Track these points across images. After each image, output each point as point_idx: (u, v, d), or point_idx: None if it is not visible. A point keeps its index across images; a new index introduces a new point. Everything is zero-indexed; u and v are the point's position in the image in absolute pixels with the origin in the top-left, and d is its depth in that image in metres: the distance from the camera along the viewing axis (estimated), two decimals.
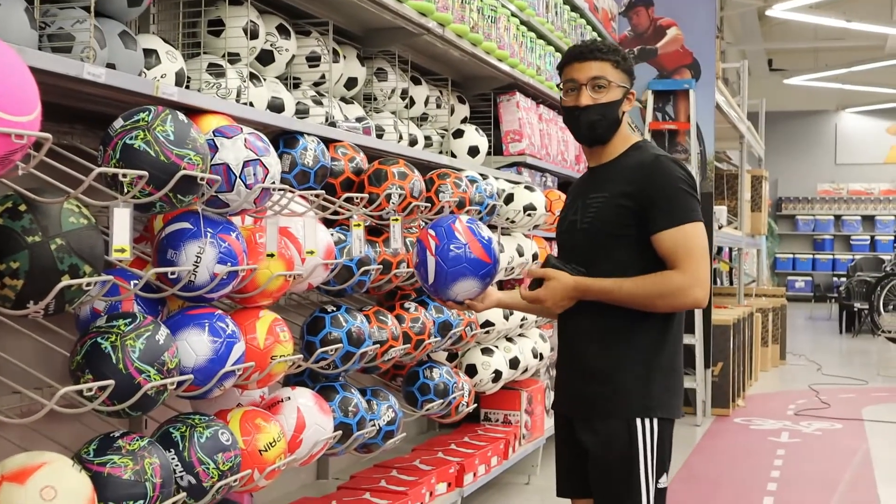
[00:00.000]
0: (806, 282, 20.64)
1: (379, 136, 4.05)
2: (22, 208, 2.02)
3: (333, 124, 3.58)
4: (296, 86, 3.65)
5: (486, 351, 4.67)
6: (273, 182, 2.63)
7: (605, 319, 2.59)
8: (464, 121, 5.13)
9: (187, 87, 2.94)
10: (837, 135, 21.52)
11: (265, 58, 3.40)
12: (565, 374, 2.74)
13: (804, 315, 17.56)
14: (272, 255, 2.73)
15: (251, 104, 3.13)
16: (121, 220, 2.14)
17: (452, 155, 4.79)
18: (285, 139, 3.10)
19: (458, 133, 4.88)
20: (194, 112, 2.61)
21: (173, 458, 2.39)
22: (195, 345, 2.45)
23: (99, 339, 2.19)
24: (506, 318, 4.69)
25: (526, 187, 4.79)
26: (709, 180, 8.34)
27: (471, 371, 4.59)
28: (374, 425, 3.45)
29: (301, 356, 3.01)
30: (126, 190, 2.19)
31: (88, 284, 2.08)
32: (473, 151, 4.85)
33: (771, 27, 17.17)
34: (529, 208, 4.69)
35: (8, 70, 1.77)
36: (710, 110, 8.13)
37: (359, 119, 3.86)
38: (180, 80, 2.83)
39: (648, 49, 8.15)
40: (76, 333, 2.39)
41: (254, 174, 2.56)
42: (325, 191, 3.16)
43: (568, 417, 2.70)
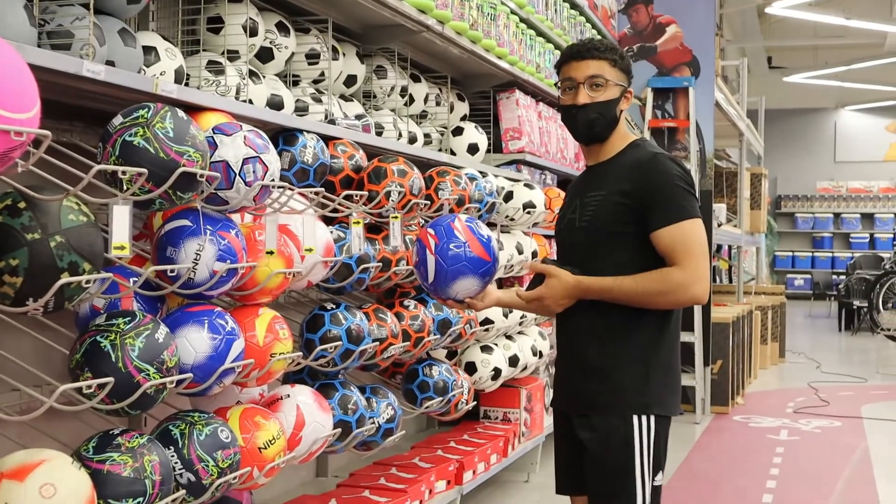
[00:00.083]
0: (805, 280, 20.65)
1: (378, 134, 4.05)
2: (21, 205, 2.02)
3: (333, 122, 3.58)
4: (295, 83, 3.65)
5: (486, 349, 4.68)
6: (272, 179, 2.63)
7: (604, 317, 2.60)
8: (463, 118, 5.12)
9: (186, 85, 2.94)
10: (837, 132, 21.52)
11: (264, 55, 3.40)
12: (564, 372, 2.75)
13: (803, 313, 17.56)
14: (271, 253, 2.73)
15: (250, 101, 3.13)
16: (120, 218, 2.14)
17: (452, 152, 4.79)
18: (285, 136, 3.10)
19: (458, 130, 4.88)
20: (194, 109, 2.61)
21: (173, 456, 2.39)
22: (195, 342, 2.45)
23: (98, 338, 2.19)
24: (505, 316, 4.70)
25: (525, 185, 4.80)
26: (708, 178, 8.34)
27: (470, 369, 4.59)
28: (374, 423, 3.45)
29: (300, 354, 3.01)
30: (125, 187, 2.19)
31: (88, 282, 2.08)
32: (473, 149, 4.84)
33: (770, 25, 17.17)
34: (529, 206, 4.70)
35: (7, 67, 1.77)
36: (710, 108, 8.12)
37: (358, 116, 3.86)
38: (179, 78, 2.83)
39: (648, 46, 8.15)
40: (75, 331, 2.39)
41: (253, 171, 2.56)
42: (325, 188, 3.16)
43: (567, 415, 2.71)
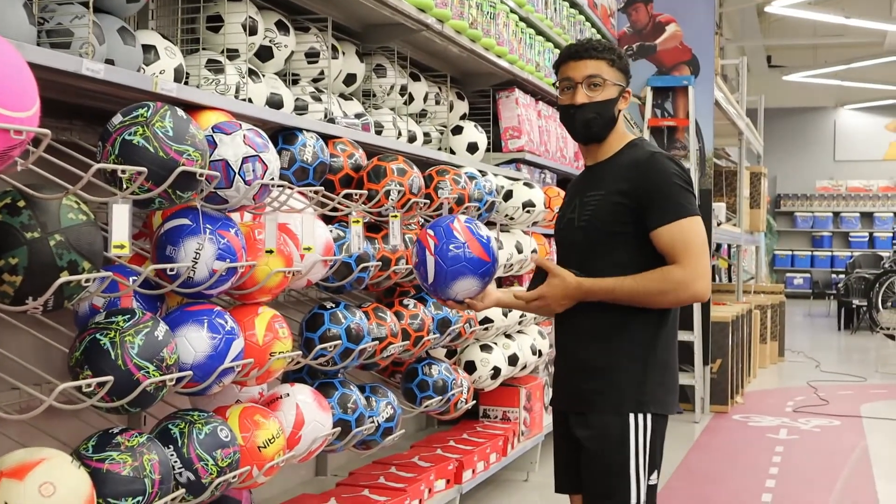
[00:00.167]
0: (804, 279, 20.65)
1: (378, 133, 4.04)
2: (21, 204, 2.02)
3: (332, 121, 3.58)
4: (295, 82, 3.64)
5: (485, 348, 4.68)
6: (272, 178, 2.63)
7: (602, 316, 2.60)
8: (463, 117, 5.12)
9: (186, 83, 2.94)
10: (836, 131, 21.52)
11: (264, 54, 3.40)
12: (562, 371, 2.75)
13: (803, 312, 17.56)
14: (271, 252, 2.73)
15: (250, 100, 3.13)
16: (120, 217, 2.14)
17: (451, 151, 4.79)
18: (284, 135, 3.10)
19: (457, 129, 4.87)
20: (193, 108, 2.61)
21: (172, 455, 2.39)
22: (194, 341, 2.45)
23: (98, 336, 2.19)
24: (505, 315, 4.70)
25: (525, 184, 4.80)
26: (707, 177, 8.33)
27: (469, 368, 4.59)
28: (373, 422, 3.45)
29: (300, 353, 3.01)
30: (125, 186, 2.19)
31: (87, 281, 2.08)
32: (472, 148, 4.84)
33: (770, 23, 17.17)
34: (528, 205, 4.70)
35: (7, 66, 1.77)
36: (709, 107, 8.12)
37: (358, 115, 3.86)
38: (179, 76, 2.83)
39: (647, 45, 8.15)
40: (75, 330, 2.39)
41: (253, 170, 2.55)
42: (324, 187, 3.16)
43: (565, 413, 2.71)
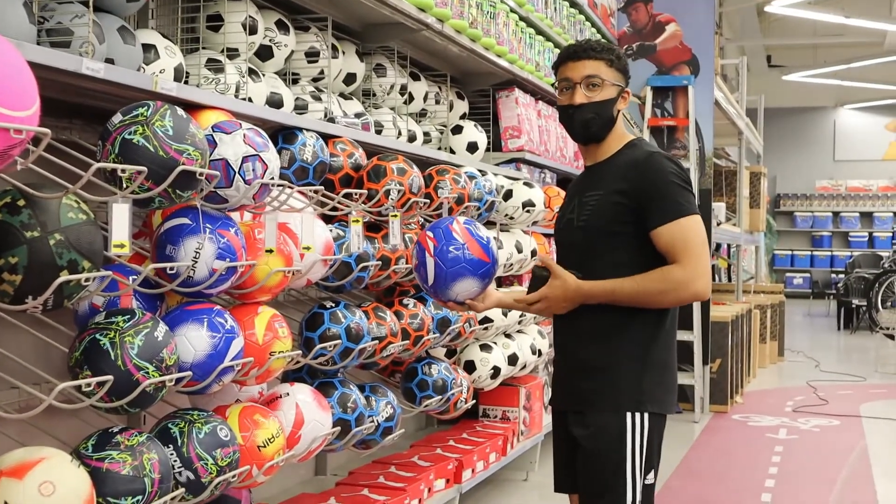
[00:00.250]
0: (804, 278, 20.66)
1: (378, 132, 4.04)
2: (21, 203, 2.02)
3: (332, 120, 3.58)
4: (294, 81, 3.64)
5: (485, 347, 4.68)
6: (272, 178, 2.63)
7: (600, 316, 2.60)
8: (463, 117, 5.12)
9: (186, 83, 2.93)
10: (836, 131, 21.53)
11: (264, 53, 3.40)
12: (561, 370, 2.76)
13: (802, 312, 17.57)
14: (271, 251, 2.73)
15: (250, 100, 3.13)
16: (120, 216, 2.14)
17: (451, 151, 4.79)
18: (284, 135, 3.10)
19: (457, 129, 4.87)
20: (193, 107, 2.61)
21: (172, 454, 2.39)
22: (194, 340, 2.45)
23: (98, 336, 2.19)
24: (504, 315, 4.69)
25: (525, 183, 4.79)
26: (707, 177, 8.33)
27: (469, 367, 4.59)
28: (373, 421, 3.45)
29: (300, 352, 3.01)
30: (125, 185, 2.19)
31: (87, 280, 2.08)
32: (472, 147, 4.84)
33: (770, 23, 17.17)
34: (528, 204, 4.69)
35: (7, 65, 1.77)
36: (709, 107, 8.12)
37: (358, 115, 3.86)
38: (179, 76, 2.83)
39: (647, 45, 8.14)
40: (75, 329, 2.39)
41: (252, 170, 2.55)
42: (324, 186, 3.16)
43: (564, 413, 2.71)
